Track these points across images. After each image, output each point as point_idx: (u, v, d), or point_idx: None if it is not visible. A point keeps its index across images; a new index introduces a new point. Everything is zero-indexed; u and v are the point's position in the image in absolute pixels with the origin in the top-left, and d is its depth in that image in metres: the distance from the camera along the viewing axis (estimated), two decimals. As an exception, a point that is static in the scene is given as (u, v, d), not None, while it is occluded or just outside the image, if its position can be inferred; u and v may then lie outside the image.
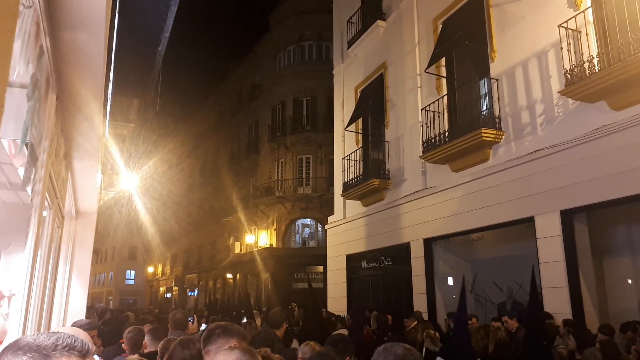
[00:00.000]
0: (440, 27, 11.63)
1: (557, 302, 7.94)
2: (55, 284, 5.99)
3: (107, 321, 11.16)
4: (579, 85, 7.54)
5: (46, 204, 4.05)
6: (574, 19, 7.88)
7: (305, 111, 26.10)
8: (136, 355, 3.39)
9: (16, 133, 2.80)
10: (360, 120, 14.72)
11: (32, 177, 2.94)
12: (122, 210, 18.66)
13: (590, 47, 7.70)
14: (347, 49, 15.69)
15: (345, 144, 15.41)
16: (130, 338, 4.17)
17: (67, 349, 1.25)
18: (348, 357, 3.47)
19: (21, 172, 3.26)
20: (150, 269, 47.22)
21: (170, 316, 5.05)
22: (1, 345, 3.16)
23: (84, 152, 4.88)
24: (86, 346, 1.30)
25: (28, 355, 1.21)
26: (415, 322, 8.62)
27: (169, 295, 40.70)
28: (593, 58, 7.49)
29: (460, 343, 4.61)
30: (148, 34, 4.79)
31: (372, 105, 13.88)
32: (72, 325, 4.13)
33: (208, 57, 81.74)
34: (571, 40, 7.90)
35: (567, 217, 8.11)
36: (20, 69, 2.15)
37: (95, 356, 3.78)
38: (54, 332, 1.30)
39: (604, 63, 7.33)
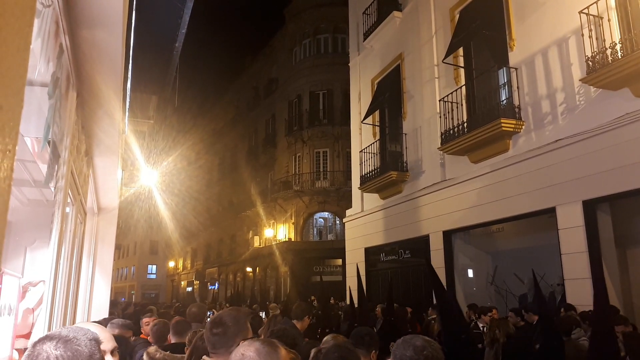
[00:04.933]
0: (457, 16, 11.47)
1: (579, 294, 7.82)
2: (79, 279, 6.12)
3: (130, 314, 11.35)
4: (601, 72, 7.37)
5: (69, 200, 4.13)
6: (595, 4, 7.69)
7: (321, 105, 26.05)
8: (154, 347, 3.44)
9: (38, 131, 2.85)
10: (377, 113, 14.63)
11: (55, 174, 2.99)
12: (142, 206, 18.90)
13: (613, 33, 7.51)
14: (363, 40, 15.59)
15: (363, 136, 15.35)
16: (156, 331, 4.29)
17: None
18: (374, 352, 3.39)
19: (44, 169, 3.32)
20: (172, 264, 47.84)
21: (187, 311, 5.17)
22: (28, 340, 3.24)
23: (104, 148, 4.96)
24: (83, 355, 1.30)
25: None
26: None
27: (190, 289, 41.21)
28: (615, 44, 7.31)
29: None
30: (165, 30, 4.83)
31: (389, 97, 13.79)
32: (108, 325, 4.15)
33: (224, 53, 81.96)
34: (592, 27, 7.72)
35: (590, 208, 7.97)
36: (41, 68, 2.18)
37: None
38: (49, 336, 1.32)
39: (627, 49, 7.14)
